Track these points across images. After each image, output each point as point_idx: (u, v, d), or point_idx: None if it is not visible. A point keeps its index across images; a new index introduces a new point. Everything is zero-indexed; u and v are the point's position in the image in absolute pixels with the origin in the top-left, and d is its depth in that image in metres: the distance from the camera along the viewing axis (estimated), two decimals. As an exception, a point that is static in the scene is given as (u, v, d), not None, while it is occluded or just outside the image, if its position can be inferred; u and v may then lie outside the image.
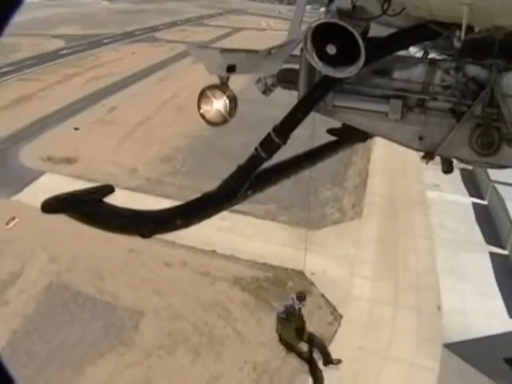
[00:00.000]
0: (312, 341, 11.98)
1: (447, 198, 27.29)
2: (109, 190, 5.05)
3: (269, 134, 5.58)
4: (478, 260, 22.09)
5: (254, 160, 5.67)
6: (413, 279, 20.80)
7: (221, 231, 22.21)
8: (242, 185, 5.70)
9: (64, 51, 61.40)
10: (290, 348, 11.76)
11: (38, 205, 5.04)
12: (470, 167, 29.44)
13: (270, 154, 5.63)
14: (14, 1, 3.27)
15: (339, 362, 12.34)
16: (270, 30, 74.60)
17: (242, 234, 23.16)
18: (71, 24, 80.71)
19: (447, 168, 6.32)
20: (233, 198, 5.77)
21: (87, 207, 5.03)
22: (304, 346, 11.48)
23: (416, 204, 26.51)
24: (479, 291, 19.99)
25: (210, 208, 5.86)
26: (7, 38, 58.33)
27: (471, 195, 28.02)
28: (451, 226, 24.73)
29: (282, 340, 11.70)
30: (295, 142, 6.05)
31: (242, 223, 23.60)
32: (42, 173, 28.85)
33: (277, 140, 5.51)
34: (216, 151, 29.79)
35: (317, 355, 12.62)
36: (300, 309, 11.82)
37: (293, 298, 11.84)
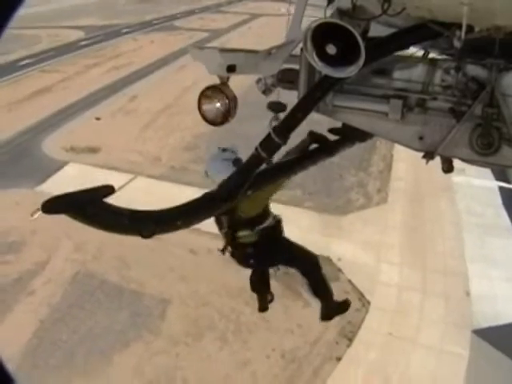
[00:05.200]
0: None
1: (473, 182, 26.92)
2: (109, 190, 5.00)
3: (269, 134, 5.55)
4: (506, 245, 21.77)
5: (254, 160, 5.66)
6: (440, 265, 20.57)
7: (246, 218, 22.11)
8: (242, 184, 5.67)
9: (83, 42, 61.55)
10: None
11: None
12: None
13: (270, 154, 5.63)
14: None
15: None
16: (289, 16, 73.99)
17: (268, 221, 22.91)
18: (90, 15, 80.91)
19: (447, 168, 6.32)
20: (233, 197, 5.73)
21: (87, 207, 4.96)
22: None
23: (442, 189, 26.18)
24: (508, 276, 19.71)
25: (210, 208, 5.85)
26: (27, 30, 58.93)
27: (497, 179, 27.61)
28: (478, 211, 24.42)
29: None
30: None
31: (267, 210, 23.41)
32: (65, 163, 29.03)
33: (277, 140, 5.48)
34: (238, 137, 29.55)
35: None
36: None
37: None
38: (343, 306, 8.31)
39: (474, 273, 20.04)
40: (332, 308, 8.14)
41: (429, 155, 5.51)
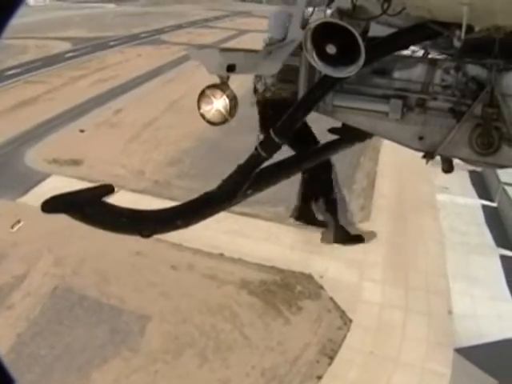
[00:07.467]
0: None
1: (457, 200, 27.01)
2: (109, 189, 4.96)
3: (269, 134, 5.58)
4: (489, 263, 21.84)
5: (254, 159, 5.68)
6: (423, 283, 20.54)
7: (228, 234, 22.02)
8: (242, 184, 5.70)
9: (70, 53, 61.34)
10: None
11: (44, 207, 4.95)
12: (479, 169, 29.23)
13: (270, 154, 5.64)
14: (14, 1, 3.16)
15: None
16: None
17: (250, 237, 22.91)
18: (77, 27, 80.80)
19: (447, 168, 6.33)
20: (232, 197, 5.77)
21: (87, 207, 4.97)
22: None
23: (425, 207, 26.23)
24: (490, 295, 19.76)
25: (209, 208, 5.86)
26: (13, 40, 58.65)
27: (481, 197, 27.73)
28: (461, 229, 24.48)
29: None
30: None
31: (250, 226, 23.41)
32: (47, 175, 28.73)
33: (277, 140, 5.51)
34: (223, 152, 29.52)
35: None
36: None
37: None
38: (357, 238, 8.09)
39: (457, 291, 20.02)
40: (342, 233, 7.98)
41: (429, 155, 5.54)
